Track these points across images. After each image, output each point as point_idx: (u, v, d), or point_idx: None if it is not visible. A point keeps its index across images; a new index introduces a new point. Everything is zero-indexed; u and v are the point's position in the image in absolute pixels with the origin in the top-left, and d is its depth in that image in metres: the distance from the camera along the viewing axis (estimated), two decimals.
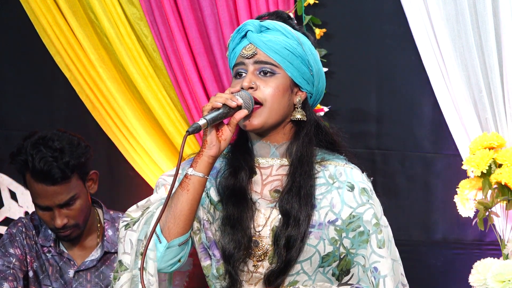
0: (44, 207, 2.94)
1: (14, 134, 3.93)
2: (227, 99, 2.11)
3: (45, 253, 3.06)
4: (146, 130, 3.66)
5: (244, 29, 2.18)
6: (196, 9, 3.57)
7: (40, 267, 3.05)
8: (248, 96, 2.14)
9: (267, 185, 2.21)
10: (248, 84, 2.15)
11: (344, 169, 2.21)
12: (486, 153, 3.15)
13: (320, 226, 2.14)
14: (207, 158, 2.13)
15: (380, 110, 3.50)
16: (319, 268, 2.16)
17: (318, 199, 2.17)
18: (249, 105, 2.14)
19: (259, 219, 2.18)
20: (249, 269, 2.18)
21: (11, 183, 3.89)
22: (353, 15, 3.52)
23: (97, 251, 3.05)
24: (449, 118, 3.33)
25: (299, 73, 2.18)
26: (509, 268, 3.09)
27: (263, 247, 2.16)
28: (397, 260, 2.22)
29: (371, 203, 2.17)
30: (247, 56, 2.17)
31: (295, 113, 2.19)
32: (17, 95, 3.92)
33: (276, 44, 2.15)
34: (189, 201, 2.14)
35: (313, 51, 2.22)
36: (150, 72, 3.68)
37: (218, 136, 2.14)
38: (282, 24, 2.20)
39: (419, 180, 3.49)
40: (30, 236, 3.08)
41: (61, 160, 2.88)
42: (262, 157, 2.23)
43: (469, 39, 3.25)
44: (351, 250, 2.15)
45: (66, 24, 3.70)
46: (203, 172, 2.14)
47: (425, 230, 3.47)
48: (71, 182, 2.92)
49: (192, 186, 2.14)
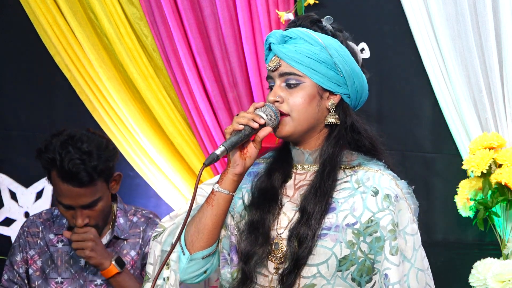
0: (67, 206, 2.94)
1: (14, 134, 3.94)
2: (249, 120, 2.13)
3: (55, 244, 3.08)
4: (146, 130, 3.67)
5: (268, 42, 2.20)
6: (196, 9, 3.57)
7: (46, 261, 3.07)
8: (272, 112, 2.15)
9: (299, 189, 2.22)
10: (274, 98, 2.16)
11: (374, 175, 2.20)
12: (486, 153, 3.15)
13: (337, 229, 2.14)
14: (232, 176, 2.17)
15: (380, 110, 3.50)
16: (337, 272, 2.14)
17: (339, 203, 2.16)
18: (273, 121, 2.15)
19: (283, 222, 2.19)
20: (270, 271, 2.18)
21: (11, 183, 3.89)
22: (353, 15, 3.51)
23: (106, 236, 3.07)
24: (449, 118, 3.33)
25: (326, 78, 2.17)
26: (509, 268, 3.09)
27: (283, 249, 2.17)
28: (424, 270, 2.18)
29: (391, 210, 2.15)
30: (271, 69, 2.18)
31: (328, 117, 2.20)
32: (17, 95, 3.93)
33: (297, 53, 2.15)
34: (213, 216, 2.18)
35: (341, 51, 2.20)
36: (150, 72, 3.68)
37: (242, 154, 2.16)
38: (306, 30, 2.19)
39: (419, 180, 3.48)
40: (35, 233, 3.11)
41: (89, 164, 2.87)
42: (299, 163, 2.24)
43: (469, 39, 3.25)
44: (370, 255, 2.15)
45: (66, 24, 3.70)
46: (228, 189, 2.17)
47: (425, 230, 3.46)
48: (96, 185, 2.92)
49: (217, 202, 2.18)
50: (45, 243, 3.09)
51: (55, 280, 3.06)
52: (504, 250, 3.20)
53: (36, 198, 3.87)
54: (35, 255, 3.09)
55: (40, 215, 3.16)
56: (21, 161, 3.90)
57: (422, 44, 3.33)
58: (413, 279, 2.15)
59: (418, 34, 3.33)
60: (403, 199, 2.20)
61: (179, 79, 3.60)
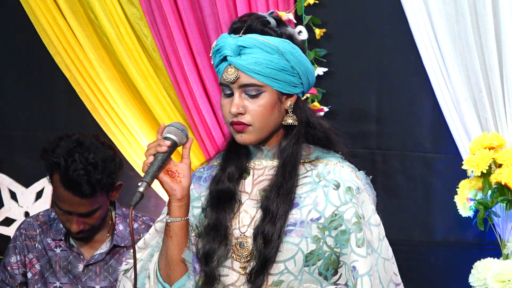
0: (64, 211, 2.93)
1: (14, 134, 3.94)
2: (156, 147, 2.12)
3: (53, 249, 3.07)
4: (146, 130, 3.67)
5: (223, 54, 2.16)
6: (196, 9, 3.57)
7: (45, 265, 3.06)
8: (175, 128, 2.14)
9: (257, 185, 2.22)
10: (237, 110, 2.14)
11: (334, 168, 2.20)
12: (486, 153, 3.15)
13: (302, 224, 2.14)
14: (176, 203, 2.15)
15: (380, 110, 3.50)
16: (304, 268, 2.15)
17: (302, 198, 2.17)
18: (182, 136, 2.14)
19: (245, 220, 2.19)
20: (236, 270, 2.17)
21: (11, 183, 3.89)
22: (353, 15, 3.51)
23: (106, 245, 3.05)
24: (449, 118, 3.33)
25: (285, 84, 2.17)
26: (509, 268, 3.09)
27: (248, 247, 2.17)
28: (389, 259, 2.20)
29: (354, 202, 2.16)
30: (231, 81, 2.15)
31: (286, 118, 2.19)
32: (17, 95, 3.92)
33: (257, 65, 2.13)
34: (175, 246, 2.17)
35: (295, 52, 2.17)
36: (150, 72, 3.68)
37: (174, 178, 2.14)
38: (260, 38, 2.15)
39: (419, 180, 3.49)
40: (32, 236, 3.09)
41: (93, 176, 2.85)
42: (257, 159, 2.24)
43: (469, 39, 3.25)
44: (336, 249, 2.15)
45: (66, 24, 3.70)
46: (179, 216, 2.16)
47: (425, 230, 3.47)
48: (97, 197, 2.91)
49: (173, 232, 2.16)
50: (43, 246, 3.08)
51: (54, 285, 3.05)
52: (504, 250, 3.20)
53: (36, 198, 3.86)
54: (33, 258, 3.08)
55: (37, 217, 3.13)
56: (21, 161, 3.90)
57: (422, 44, 3.33)
58: (382, 269, 2.16)
59: (418, 34, 3.33)
60: (364, 191, 2.20)
61: (179, 79, 3.60)
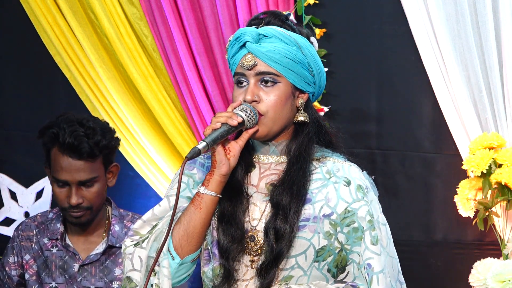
0: (63, 182, 2.95)
1: (14, 134, 3.94)
2: (228, 118, 2.13)
3: (49, 249, 3.07)
4: (146, 130, 3.67)
5: (242, 40, 2.17)
6: (196, 9, 3.57)
7: (41, 265, 3.07)
8: (250, 109, 2.15)
9: (264, 178, 2.23)
10: (252, 98, 2.16)
11: (343, 166, 2.22)
12: (486, 153, 3.15)
13: (315, 220, 2.15)
14: (219, 177, 2.16)
15: (380, 110, 3.50)
16: (314, 263, 2.16)
17: (314, 193, 2.18)
18: (252, 119, 2.15)
19: (255, 213, 2.20)
20: (246, 264, 2.18)
21: (11, 183, 3.89)
22: (353, 15, 3.51)
23: (101, 245, 3.06)
24: (449, 118, 3.33)
25: (300, 78, 2.19)
26: (509, 268, 3.09)
27: (259, 241, 2.17)
28: (396, 258, 2.23)
29: (366, 201, 2.18)
30: (247, 67, 2.16)
31: (298, 115, 2.21)
32: (17, 95, 3.92)
33: (275, 53, 2.15)
34: (201, 219, 2.17)
35: (312, 51, 2.22)
36: (150, 72, 3.68)
37: (226, 153, 2.15)
38: (280, 29, 2.19)
39: (419, 180, 3.49)
40: (29, 237, 3.10)
41: (92, 138, 2.92)
42: (262, 154, 2.25)
43: (469, 39, 3.25)
44: (346, 246, 2.16)
45: (66, 24, 3.70)
46: (215, 191, 2.17)
47: (425, 230, 3.47)
48: (95, 163, 2.94)
49: (205, 205, 2.17)
50: (39, 247, 3.08)
51: (50, 285, 3.05)
52: (504, 250, 3.20)
53: (36, 198, 3.86)
54: (30, 259, 3.08)
55: (35, 218, 3.15)
56: (21, 161, 3.90)
57: (422, 44, 3.33)
58: (390, 267, 2.19)
59: (418, 34, 3.33)
60: (371, 190, 2.23)
61: (179, 79, 3.60)
